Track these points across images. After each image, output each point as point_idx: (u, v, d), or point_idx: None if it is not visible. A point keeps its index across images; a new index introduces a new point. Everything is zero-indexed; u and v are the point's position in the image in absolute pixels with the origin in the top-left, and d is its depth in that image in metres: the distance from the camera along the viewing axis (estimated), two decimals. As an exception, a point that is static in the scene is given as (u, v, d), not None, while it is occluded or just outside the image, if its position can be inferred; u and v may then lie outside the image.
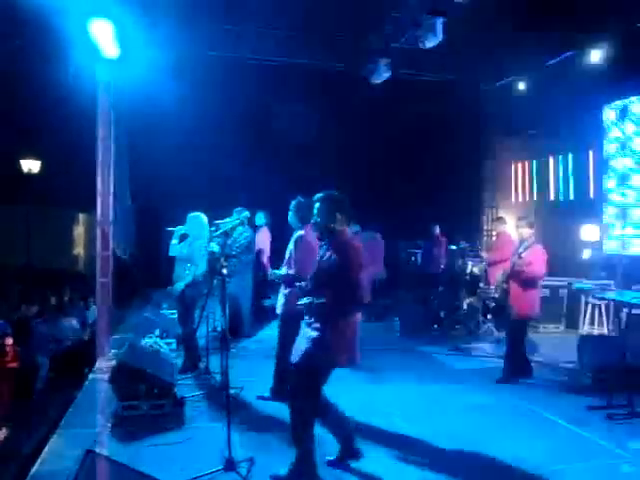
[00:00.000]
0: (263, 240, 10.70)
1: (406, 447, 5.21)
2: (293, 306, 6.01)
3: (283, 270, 6.40)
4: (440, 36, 9.30)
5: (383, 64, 11.31)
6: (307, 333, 4.58)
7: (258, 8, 10.03)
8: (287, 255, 6.43)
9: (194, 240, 7.52)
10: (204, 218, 7.64)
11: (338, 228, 4.65)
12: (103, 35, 8.58)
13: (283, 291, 6.44)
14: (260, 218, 10.68)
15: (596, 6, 9.31)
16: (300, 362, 4.55)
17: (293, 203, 6.51)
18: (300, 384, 4.59)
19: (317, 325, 4.52)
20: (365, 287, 4.59)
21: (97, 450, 4.63)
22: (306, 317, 4.68)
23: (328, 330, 4.46)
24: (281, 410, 6.19)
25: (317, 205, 4.74)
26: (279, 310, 6.47)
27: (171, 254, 7.73)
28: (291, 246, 6.39)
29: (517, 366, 7.53)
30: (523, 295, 7.34)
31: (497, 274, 8.06)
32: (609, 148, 11.01)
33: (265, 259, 10.77)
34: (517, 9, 9.69)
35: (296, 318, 6.18)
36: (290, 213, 6.52)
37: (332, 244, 4.61)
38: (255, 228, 10.61)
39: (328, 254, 4.58)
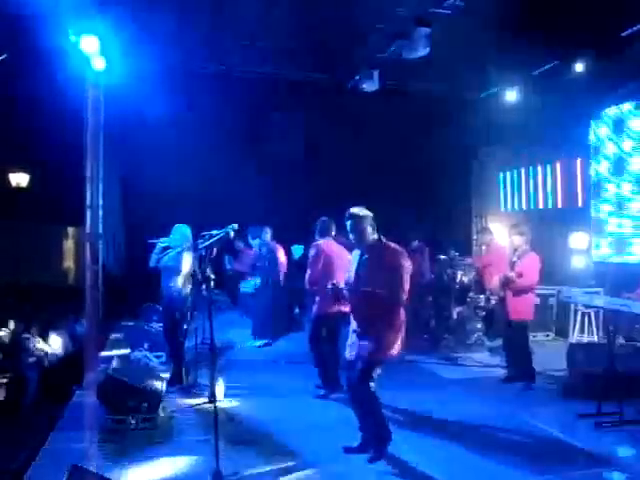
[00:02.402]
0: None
1: (393, 456, 5.20)
2: (321, 310, 7.10)
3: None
4: (426, 47, 9.36)
5: (370, 75, 11.35)
6: (360, 335, 5.14)
7: (245, 21, 10.05)
8: None
9: (179, 251, 7.52)
10: (187, 229, 7.65)
11: (373, 239, 5.10)
12: (91, 49, 8.61)
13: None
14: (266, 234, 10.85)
15: (582, 15, 9.38)
16: (363, 355, 5.05)
17: (318, 223, 7.40)
18: (365, 372, 5.07)
19: (371, 327, 5.05)
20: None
21: (85, 465, 4.62)
22: (354, 322, 5.26)
23: (382, 333, 5.02)
24: (269, 423, 6.21)
25: (348, 224, 5.15)
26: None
27: (150, 265, 7.74)
28: None
29: (522, 370, 7.70)
30: (517, 301, 7.62)
31: (494, 279, 8.16)
32: (600, 167, 10.93)
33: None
34: (504, 19, 9.75)
35: (324, 320, 7.13)
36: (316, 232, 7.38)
37: (374, 255, 5.04)
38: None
39: (370, 264, 5.02)
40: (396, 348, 5.12)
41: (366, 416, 5.29)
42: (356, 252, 5.32)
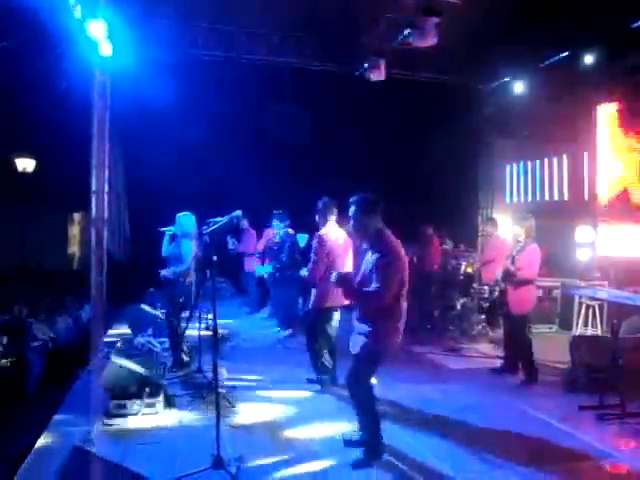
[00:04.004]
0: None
1: (397, 447, 5.21)
2: (320, 302, 6.69)
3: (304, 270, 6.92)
4: (434, 36, 9.30)
5: (378, 65, 11.29)
6: (360, 325, 4.87)
7: (251, 8, 10.02)
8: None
9: (181, 239, 7.55)
10: (192, 217, 7.66)
11: (375, 227, 4.85)
12: (98, 35, 8.58)
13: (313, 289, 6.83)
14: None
15: (590, 7, 9.32)
16: (360, 352, 4.85)
17: (319, 203, 6.86)
18: (360, 371, 4.91)
19: (369, 318, 4.79)
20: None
21: (87, 448, 4.64)
22: (355, 312, 4.98)
23: (379, 322, 4.76)
24: (271, 409, 6.23)
25: (352, 209, 4.94)
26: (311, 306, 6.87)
27: (164, 254, 7.77)
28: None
29: (522, 365, 7.63)
30: (517, 294, 7.52)
31: (496, 272, 8.13)
32: (604, 154, 10.93)
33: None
34: (513, 10, 9.70)
35: (323, 313, 6.76)
36: (317, 213, 6.89)
37: (372, 246, 4.82)
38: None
39: (372, 254, 4.78)
40: (393, 341, 4.86)
41: (363, 416, 5.09)
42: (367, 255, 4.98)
